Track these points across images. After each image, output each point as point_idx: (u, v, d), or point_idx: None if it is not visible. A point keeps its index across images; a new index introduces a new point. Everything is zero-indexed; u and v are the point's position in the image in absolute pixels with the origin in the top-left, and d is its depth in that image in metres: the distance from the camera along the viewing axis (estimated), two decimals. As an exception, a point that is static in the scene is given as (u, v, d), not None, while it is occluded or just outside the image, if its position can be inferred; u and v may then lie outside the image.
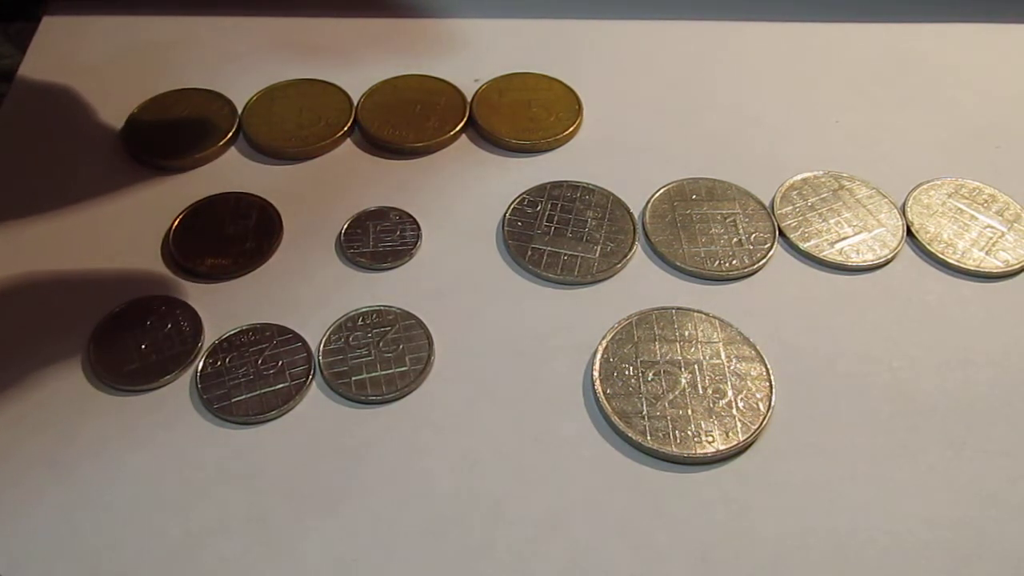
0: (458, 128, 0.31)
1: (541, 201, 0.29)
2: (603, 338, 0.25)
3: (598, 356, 0.25)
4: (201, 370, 0.25)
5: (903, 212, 0.29)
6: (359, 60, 0.34)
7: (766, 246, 0.28)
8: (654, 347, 0.25)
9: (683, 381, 0.24)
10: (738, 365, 0.25)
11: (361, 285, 0.27)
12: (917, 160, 0.31)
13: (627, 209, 0.29)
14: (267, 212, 0.29)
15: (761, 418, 0.24)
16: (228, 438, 0.24)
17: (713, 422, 0.24)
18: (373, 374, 0.25)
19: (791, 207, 0.29)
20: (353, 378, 0.24)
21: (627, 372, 0.25)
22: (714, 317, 0.26)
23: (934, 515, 0.22)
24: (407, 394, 0.24)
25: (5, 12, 0.36)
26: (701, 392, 0.24)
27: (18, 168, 0.30)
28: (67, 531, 0.22)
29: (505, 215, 0.29)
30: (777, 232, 0.28)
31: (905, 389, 0.25)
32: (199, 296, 0.26)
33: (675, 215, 0.29)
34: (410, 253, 0.28)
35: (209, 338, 0.25)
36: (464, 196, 0.30)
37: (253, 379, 0.24)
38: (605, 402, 0.24)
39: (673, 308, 0.26)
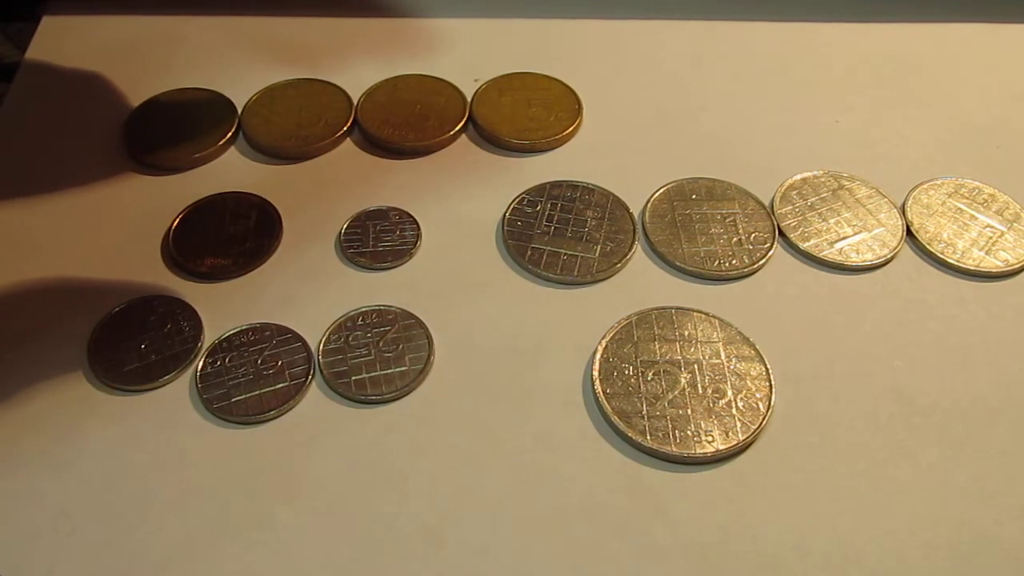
0: (458, 128, 0.31)
1: (541, 201, 0.29)
2: (603, 338, 0.25)
3: (598, 356, 0.25)
4: (201, 370, 0.25)
5: (903, 212, 0.29)
6: (359, 60, 0.34)
7: (766, 246, 0.28)
8: (654, 347, 0.25)
9: (683, 381, 0.24)
10: (738, 365, 0.25)
11: (361, 285, 0.27)
12: (917, 160, 0.31)
13: (627, 209, 0.29)
14: (267, 212, 0.29)
15: (761, 418, 0.24)
16: (228, 438, 0.24)
17: (713, 422, 0.24)
18: (373, 374, 0.25)
19: (791, 207, 0.29)
20: (353, 378, 0.24)
21: (627, 372, 0.25)
22: (714, 317, 0.26)
23: (934, 515, 0.22)
24: (407, 394, 0.24)
25: (5, 12, 0.36)
26: (701, 392, 0.24)
27: (18, 168, 0.30)
28: (67, 531, 0.22)
29: (505, 215, 0.29)
30: (777, 232, 0.28)
31: (905, 389, 0.25)
32: (199, 296, 0.26)
33: (675, 215, 0.29)
34: (410, 253, 0.28)
35: (209, 338, 0.25)
36: (464, 196, 0.30)
37: (253, 379, 0.24)
38: (605, 402, 0.24)
39: (673, 308, 0.26)
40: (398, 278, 0.27)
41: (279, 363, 0.25)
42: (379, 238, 0.28)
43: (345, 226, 0.28)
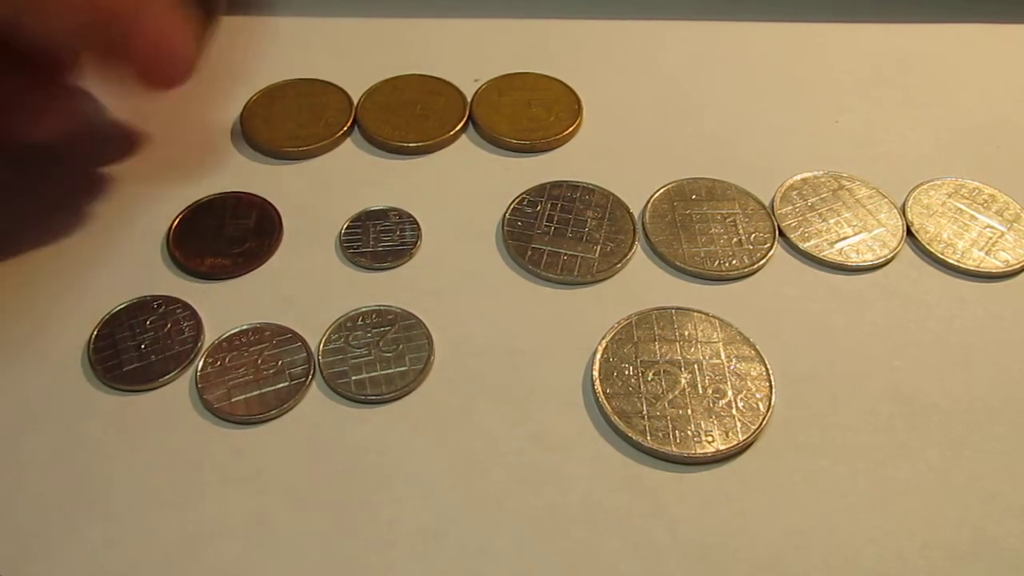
0: (458, 128, 0.31)
1: (541, 201, 0.29)
2: (603, 338, 0.25)
3: (598, 356, 0.25)
4: (201, 370, 0.25)
5: (903, 212, 0.29)
6: (359, 60, 0.34)
7: (766, 246, 0.28)
8: (654, 347, 0.25)
9: (683, 381, 0.24)
10: (738, 365, 0.25)
11: (361, 285, 0.27)
12: (917, 160, 0.31)
13: (627, 209, 0.29)
14: (267, 212, 0.29)
15: (761, 418, 0.24)
16: (228, 438, 0.24)
17: (713, 422, 0.24)
18: (373, 374, 0.25)
19: (791, 207, 0.29)
20: (353, 378, 0.24)
21: (627, 372, 0.25)
22: (714, 317, 0.26)
23: (934, 515, 0.22)
24: (407, 394, 0.24)
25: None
26: (701, 392, 0.24)
27: (17, 167, 0.30)
28: (67, 531, 0.22)
29: (505, 215, 0.29)
30: (777, 232, 0.28)
31: (905, 389, 0.25)
32: (199, 296, 0.26)
33: (675, 215, 0.29)
34: (410, 253, 0.28)
35: (209, 338, 0.25)
36: (464, 196, 0.30)
37: (253, 379, 0.24)
38: (605, 402, 0.24)
39: (673, 308, 0.26)
40: (398, 278, 0.27)
41: (279, 363, 0.25)
42: (379, 238, 0.28)
43: (345, 226, 0.28)
